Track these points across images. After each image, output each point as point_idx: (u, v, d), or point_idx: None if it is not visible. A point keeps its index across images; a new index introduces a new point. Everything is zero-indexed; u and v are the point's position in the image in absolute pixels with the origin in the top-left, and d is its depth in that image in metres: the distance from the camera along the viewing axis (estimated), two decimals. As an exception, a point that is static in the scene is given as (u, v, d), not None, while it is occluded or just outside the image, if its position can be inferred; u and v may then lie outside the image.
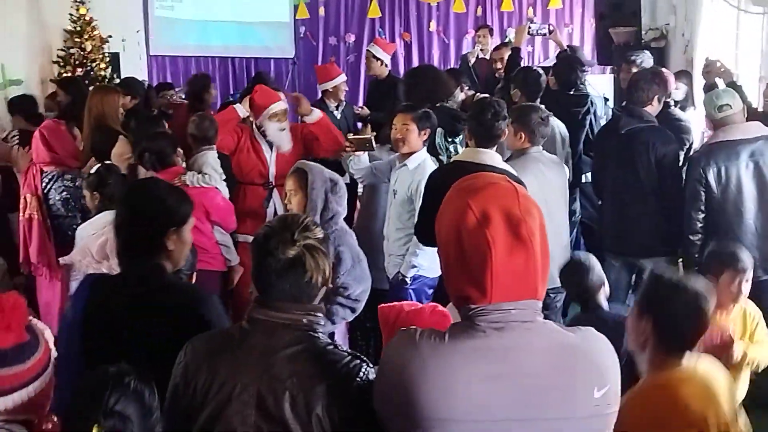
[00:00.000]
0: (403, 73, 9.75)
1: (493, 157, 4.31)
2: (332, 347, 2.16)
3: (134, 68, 9.80)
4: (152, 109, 7.23)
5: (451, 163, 4.80)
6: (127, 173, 5.09)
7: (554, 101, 6.01)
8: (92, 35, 9.26)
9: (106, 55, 9.44)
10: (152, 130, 5.51)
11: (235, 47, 12.11)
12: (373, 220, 5.40)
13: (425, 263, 4.70)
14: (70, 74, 8.99)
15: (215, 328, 2.48)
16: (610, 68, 9.26)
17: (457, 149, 5.51)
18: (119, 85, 7.78)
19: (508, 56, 7.17)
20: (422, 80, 5.92)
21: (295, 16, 11.75)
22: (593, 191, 5.87)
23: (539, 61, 11.51)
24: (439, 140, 5.40)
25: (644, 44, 9.30)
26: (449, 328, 1.89)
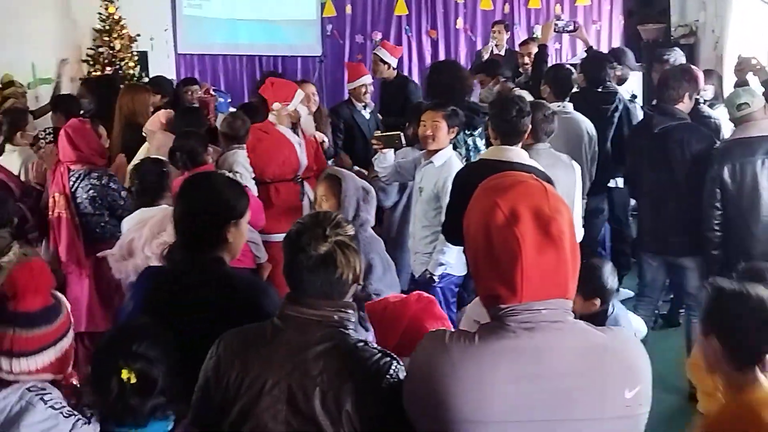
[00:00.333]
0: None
1: (519, 154, 4.28)
2: (363, 344, 2.17)
3: (162, 67, 9.85)
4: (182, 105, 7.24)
5: (477, 161, 4.77)
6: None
7: (582, 98, 5.98)
8: (121, 34, 9.32)
9: (134, 53, 9.50)
10: (194, 123, 5.56)
11: (262, 45, 12.12)
12: None
13: (452, 261, 4.70)
14: (99, 73, 9.07)
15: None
16: (638, 65, 9.19)
17: (475, 142, 5.51)
18: (149, 83, 7.84)
19: (535, 53, 7.15)
20: (443, 75, 5.98)
21: (322, 14, 11.80)
22: (629, 192, 5.82)
23: (566, 57, 11.43)
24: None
25: (673, 41, 9.24)
26: (479, 329, 1.88)
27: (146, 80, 8.72)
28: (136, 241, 3.92)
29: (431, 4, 12.29)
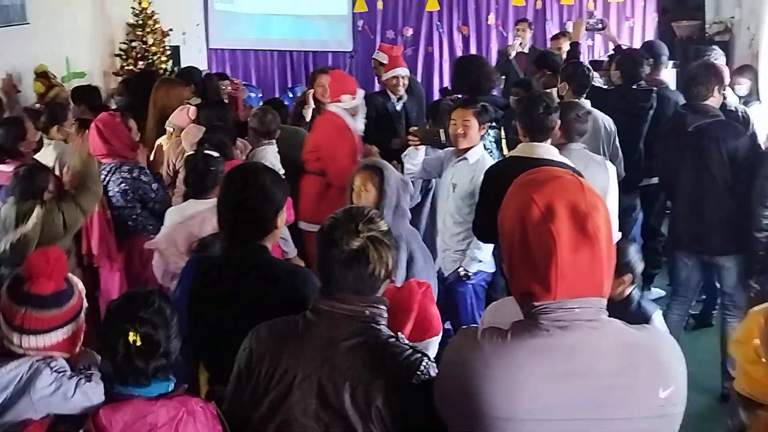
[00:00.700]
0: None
1: (549, 150, 4.27)
2: (393, 340, 2.16)
3: (194, 61, 9.89)
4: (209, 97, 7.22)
5: (507, 158, 4.76)
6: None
7: (619, 96, 5.94)
8: (154, 29, 9.41)
9: (166, 48, 9.58)
10: (217, 118, 5.56)
11: (293, 41, 12.18)
12: None
13: (487, 258, 4.67)
14: (131, 67, 9.15)
15: None
16: (672, 62, 9.09)
17: (498, 135, 5.47)
18: (178, 74, 7.88)
19: (567, 51, 7.09)
20: (468, 70, 6.02)
21: (353, 9, 11.79)
22: (664, 193, 5.76)
23: (599, 54, 11.33)
24: None
25: (708, 38, 9.14)
26: (512, 326, 1.85)
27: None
28: (195, 235, 3.92)
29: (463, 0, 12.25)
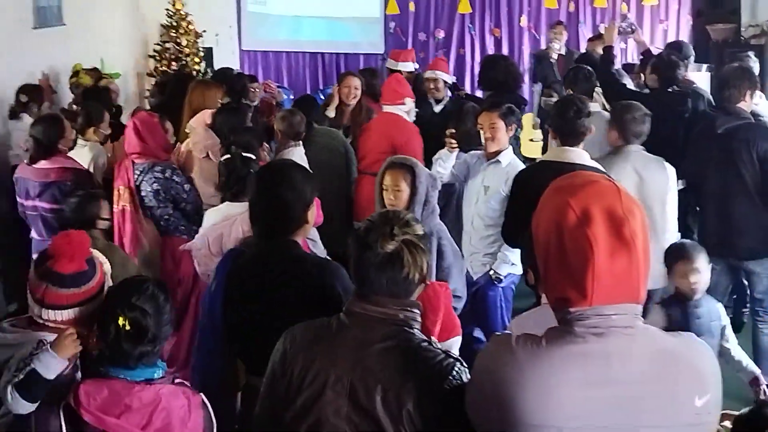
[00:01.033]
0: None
1: (581, 155, 4.26)
2: (426, 344, 2.16)
3: (227, 63, 9.98)
4: (241, 98, 7.19)
5: (538, 162, 4.74)
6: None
7: (657, 99, 5.90)
8: (187, 30, 9.49)
9: (200, 49, 9.65)
10: (237, 122, 5.56)
11: (325, 43, 12.22)
12: None
13: (518, 260, 4.66)
14: (165, 69, 9.22)
15: (344, 298, 2.54)
16: (706, 66, 9.00)
17: (517, 133, 5.47)
18: (213, 76, 7.93)
19: (600, 56, 7.05)
20: (494, 69, 6.19)
21: (385, 11, 11.81)
22: (693, 196, 5.70)
23: (632, 58, 11.25)
24: None
25: (743, 42, 9.03)
26: (546, 332, 1.84)
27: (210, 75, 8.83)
28: (225, 237, 3.93)
29: (495, 2, 12.22)
